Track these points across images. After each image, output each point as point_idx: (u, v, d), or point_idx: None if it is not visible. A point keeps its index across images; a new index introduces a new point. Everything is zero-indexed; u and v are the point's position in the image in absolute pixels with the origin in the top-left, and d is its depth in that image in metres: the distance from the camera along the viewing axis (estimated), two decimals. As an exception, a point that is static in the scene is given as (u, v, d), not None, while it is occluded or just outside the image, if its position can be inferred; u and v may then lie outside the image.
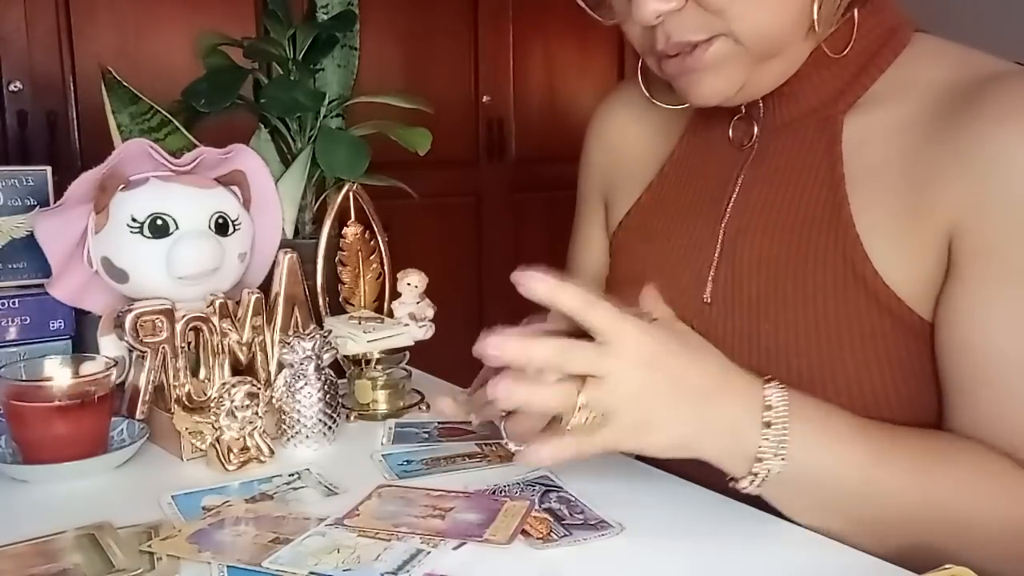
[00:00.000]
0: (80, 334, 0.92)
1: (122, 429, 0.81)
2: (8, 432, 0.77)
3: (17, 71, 2.15)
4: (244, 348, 0.86)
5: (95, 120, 1.25)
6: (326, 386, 0.82)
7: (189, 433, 0.77)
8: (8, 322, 0.88)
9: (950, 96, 0.68)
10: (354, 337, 0.89)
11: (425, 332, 0.92)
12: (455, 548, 0.60)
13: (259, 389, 0.78)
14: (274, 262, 0.91)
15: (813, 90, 0.74)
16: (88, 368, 0.79)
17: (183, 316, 0.82)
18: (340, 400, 0.85)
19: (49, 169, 0.94)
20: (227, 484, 0.73)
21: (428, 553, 0.59)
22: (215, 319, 0.84)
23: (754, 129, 0.77)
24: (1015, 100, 0.64)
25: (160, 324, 0.81)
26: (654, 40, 0.71)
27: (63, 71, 2.18)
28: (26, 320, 0.89)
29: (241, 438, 0.77)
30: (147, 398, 0.81)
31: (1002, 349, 0.64)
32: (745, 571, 0.59)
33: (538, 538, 0.62)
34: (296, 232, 1.08)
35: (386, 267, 0.99)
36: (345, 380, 0.93)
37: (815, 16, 0.68)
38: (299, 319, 0.89)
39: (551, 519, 0.65)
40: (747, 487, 0.63)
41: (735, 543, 0.63)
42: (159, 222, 0.84)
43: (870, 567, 0.59)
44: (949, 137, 0.66)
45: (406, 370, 0.95)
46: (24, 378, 0.78)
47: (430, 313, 0.92)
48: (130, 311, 0.80)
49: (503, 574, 0.58)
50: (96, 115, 1.04)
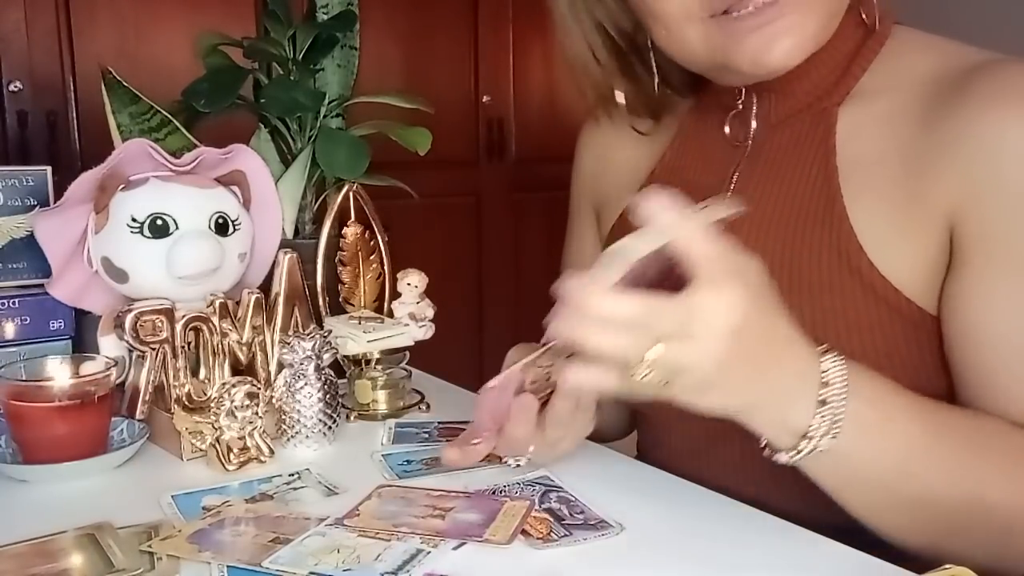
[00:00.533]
0: (80, 334, 0.92)
1: (122, 429, 0.81)
2: (8, 432, 0.77)
3: (17, 71, 2.15)
4: (244, 348, 0.86)
5: (95, 120, 1.25)
6: (326, 386, 0.82)
7: (189, 433, 0.77)
8: (8, 322, 0.88)
9: (938, 86, 0.68)
10: (354, 337, 0.89)
11: (425, 332, 0.92)
12: (455, 548, 0.60)
13: (259, 389, 0.78)
14: (274, 262, 0.91)
15: (809, 84, 0.74)
16: (88, 368, 0.79)
17: (183, 316, 0.82)
18: (340, 400, 0.85)
19: (49, 169, 0.94)
20: (227, 484, 0.73)
21: (428, 553, 0.59)
22: (215, 319, 0.84)
23: (751, 125, 0.77)
24: (1002, 87, 0.65)
25: (160, 324, 0.81)
26: (702, 2, 0.68)
27: (63, 71, 2.18)
28: (26, 320, 0.89)
29: (241, 438, 0.77)
30: (147, 398, 0.81)
31: (1005, 335, 0.64)
32: (745, 571, 0.59)
33: (538, 538, 0.62)
34: (296, 232, 1.08)
35: (386, 267, 0.99)
36: (345, 380, 0.93)
37: None
38: (299, 319, 0.89)
39: (551, 519, 0.65)
40: (784, 459, 0.60)
41: (735, 543, 0.63)
42: (159, 222, 0.84)
43: (870, 567, 0.59)
44: (939, 127, 0.66)
45: (406, 370, 0.95)
46: (24, 378, 0.78)
47: (430, 313, 0.93)
48: (130, 311, 0.80)
49: (503, 574, 0.58)
50: (96, 115, 1.04)
